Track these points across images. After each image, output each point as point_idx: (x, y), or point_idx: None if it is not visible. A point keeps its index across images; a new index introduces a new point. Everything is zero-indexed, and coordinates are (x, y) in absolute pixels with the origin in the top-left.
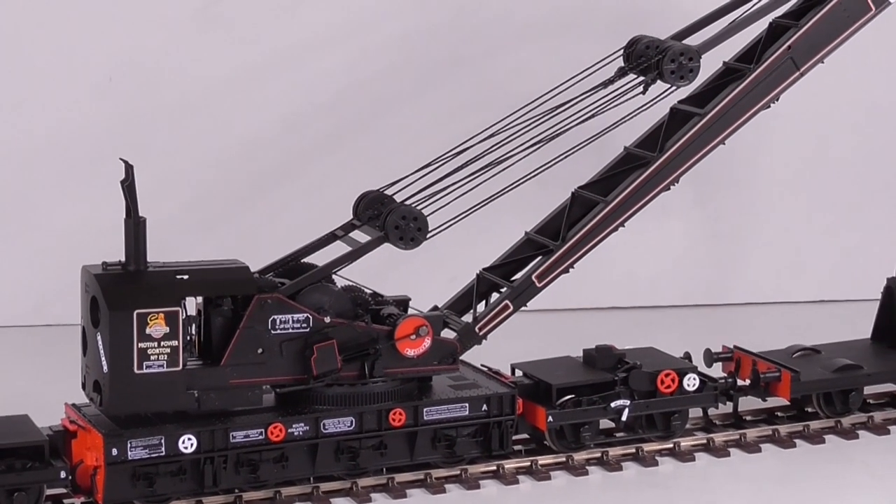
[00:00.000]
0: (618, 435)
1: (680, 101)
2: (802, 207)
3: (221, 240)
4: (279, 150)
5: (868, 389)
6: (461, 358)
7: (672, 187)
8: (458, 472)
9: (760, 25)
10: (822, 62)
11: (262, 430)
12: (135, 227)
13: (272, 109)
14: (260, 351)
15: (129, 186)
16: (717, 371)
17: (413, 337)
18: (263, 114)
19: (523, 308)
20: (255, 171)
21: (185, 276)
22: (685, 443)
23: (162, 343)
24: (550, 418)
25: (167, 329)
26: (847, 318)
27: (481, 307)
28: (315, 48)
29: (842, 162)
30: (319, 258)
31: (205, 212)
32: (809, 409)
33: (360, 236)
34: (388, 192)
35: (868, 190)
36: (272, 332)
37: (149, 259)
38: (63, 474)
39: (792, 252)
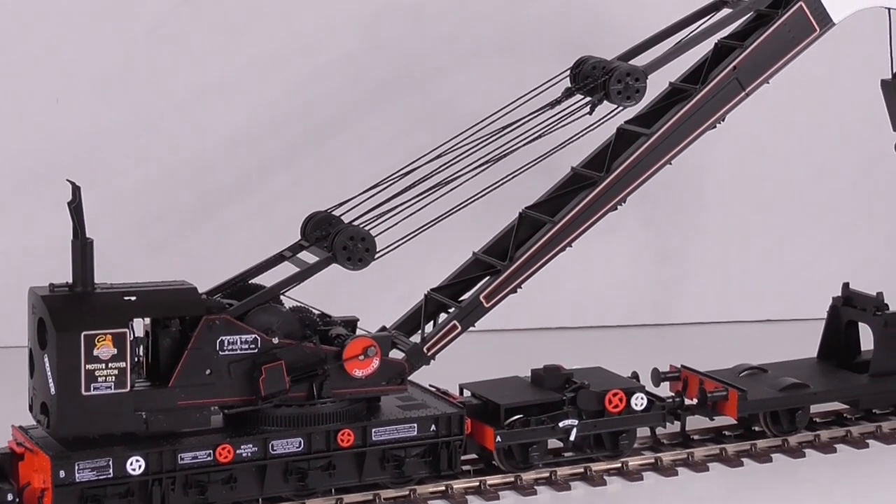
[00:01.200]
0: (566, 454)
1: (626, 122)
2: (748, 227)
3: (169, 261)
4: (227, 172)
5: (814, 408)
6: (409, 378)
7: (619, 207)
8: (407, 492)
9: (706, 46)
10: (768, 82)
11: (211, 451)
12: (82, 249)
13: (219, 130)
14: (208, 372)
15: (76, 208)
16: (664, 390)
17: (361, 357)
18: (210, 135)
19: (471, 328)
20: (203, 192)
21: (133, 298)
22: (633, 462)
23: (109, 364)
24: (499, 438)
25: (115, 350)
26: (793, 338)
27: (429, 327)
28: (263, 69)
29: (787, 182)
30: (267, 279)
31: (152, 233)
32: (756, 428)
33: (308, 257)
34: (336, 212)
35: (813, 210)
36: (220, 353)
37: (96, 280)
38: (10, 497)
39: (738, 272)
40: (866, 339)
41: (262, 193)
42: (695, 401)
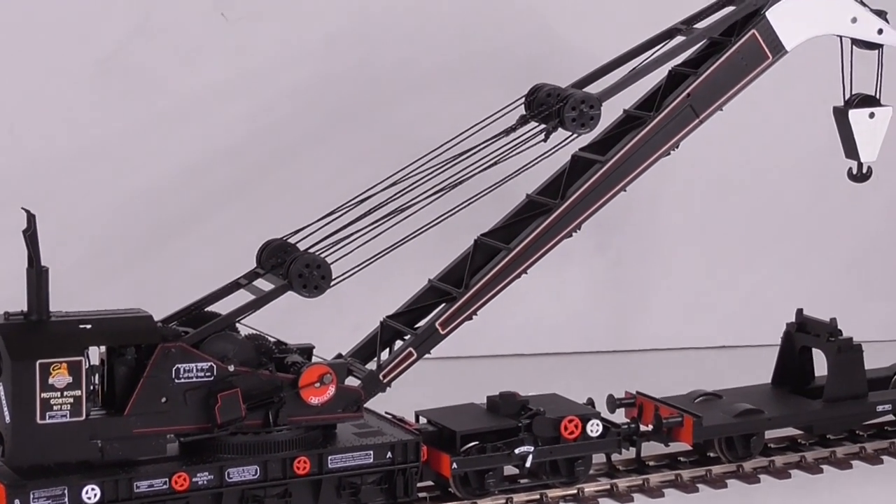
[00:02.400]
0: (522, 481)
1: (581, 149)
2: (702, 253)
3: (125, 289)
4: (183, 199)
5: (769, 434)
6: (365, 405)
7: (574, 234)
8: None
9: (660, 73)
10: (721, 109)
11: (167, 479)
12: (37, 277)
13: (175, 159)
14: (164, 400)
15: (31, 236)
16: (619, 417)
17: (317, 385)
18: (166, 163)
19: (427, 355)
20: (159, 221)
21: (89, 326)
22: (589, 488)
23: (65, 393)
24: (455, 465)
25: (70, 379)
26: (748, 364)
27: (385, 355)
28: (217, 97)
29: (741, 208)
30: (223, 307)
31: (108, 261)
32: (711, 454)
33: (264, 284)
34: (292, 240)
35: (767, 236)
36: (176, 381)
37: (51, 308)
38: None
39: (692, 298)
40: (820, 364)
41: (218, 221)
42: (650, 427)
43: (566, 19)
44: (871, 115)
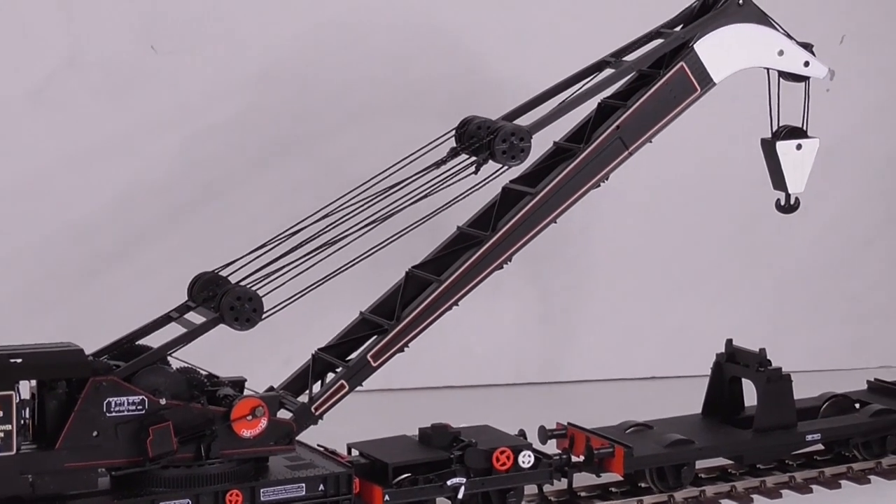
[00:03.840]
0: None
1: (512, 181)
2: (632, 285)
3: (55, 323)
4: (114, 233)
5: (700, 463)
6: (297, 438)
7: (505, 266)
8: None
9: (590, 105)
10: (651, 141)
11: None
12: None
13: (106, 192)
14: (95, 434)
15: None
16: (551, 448)
17: (249, 418)
18: (97, 196)
19: (359, 388)
20: (89, 254)
21: (19, 360)
22: None
23: None
24: (387, 497)
25: (0, 413)
26: (678, 394)
27: (317, 387)
28: (148, 130)
29: (670, 240)
30: (154, 340)
31: (38, 295)
32: (643, 485)
33: (196, 318)
34: (223, 273)
35: (696, 267)
36: (107, 414)
37: None
38: None
39: (623, 329)
40: (750, 394)
41: (149, 255)
42: (581, 458)
43: (496, 52)
44: (799, 147)
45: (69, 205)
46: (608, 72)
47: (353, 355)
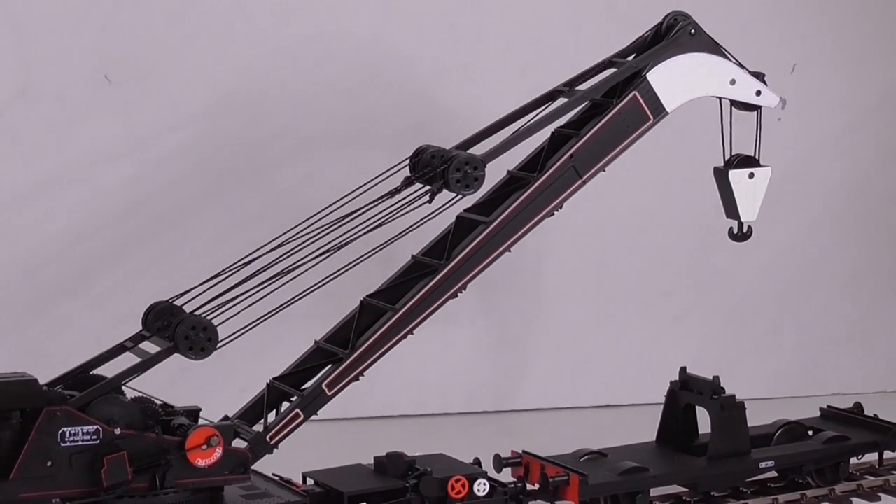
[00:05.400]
0: None
1: (466, 210)
2: (586, 313)
3: (9, 353)
4: (68, 263)
5: (654, 491)
6: (252, 467)
7: (459, 294)
8: None
9: (544, 134)
10: (605, 170)
11: None
12: None
13: (59, 222)
14: (49, 464)
15: None
16: (506, 476)
17: (204, 447)
18: (48, 227)
19: (314, 417)
20: (42, 284)
21: None
22: None
23: None
24: None
25: None
26: (632, 422)
27: (272, 416)
28: (100, 161)
29: (624, 268)
30: (109, 370)
31: None
32: None
33: (150, 347)
34: (178, 302)
35: (650, 295)
36: (62, 444)
37: None
38: None
39: (577, 357)
40: (704, 422)
41: (103, 284)
42: (537, 486)
43: (449, 82)
44: (751, 176)
45: (23, 235)
46: (561, 101)
47: (308, 384)
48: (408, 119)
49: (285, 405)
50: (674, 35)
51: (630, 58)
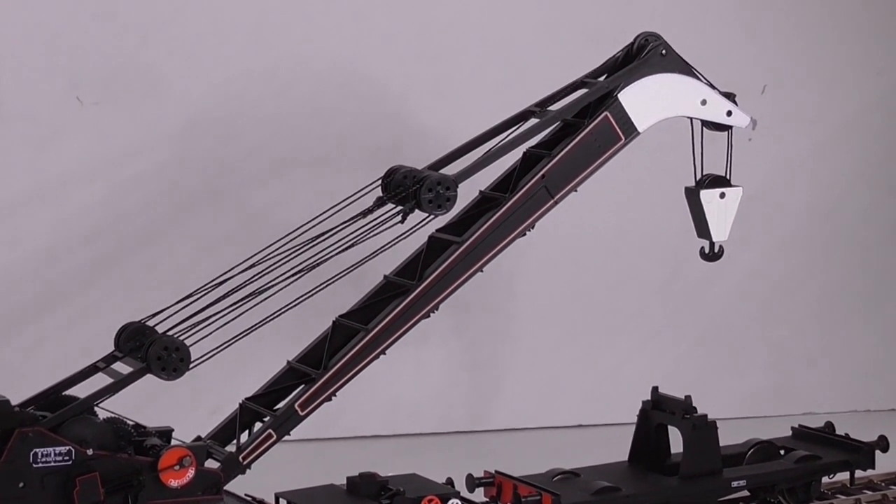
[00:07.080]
0: None
1: (438, 230)
2: (558, 333)
3: None
4: (37, 284)
5: None
6: (225, 488)
7: (432, 314)
8: None
9: (515, 155)
10: (576, 190)
11: None
12: None
13: (31, 243)
14: (21, 485)
15: None
16: (479, 496)
17: (177, 467)
18: (20, 247)
19: (287, 437)
20: (13, 305)
21: None
22: None
23: None
24: None
25: None
26: (604, 442)
27: (245, 437)
28: (72, 181)
29: (595, 288)
30: (81, 390)
31: None
32: None
33: (123, 368)
34: (150, 323)
35: (622, 315)
36: (34, 465)
37: None
38: None
39: (549, 377)
40: (676, 441)
41: (75, 305)
42: None
43: (421, 102)
44: (722, 195)
45: None
46: (533, 121)
47: (281, 404)
48: (380, 139)
49: (258, 425)
50: (645, 55)
51: (601, 78)
